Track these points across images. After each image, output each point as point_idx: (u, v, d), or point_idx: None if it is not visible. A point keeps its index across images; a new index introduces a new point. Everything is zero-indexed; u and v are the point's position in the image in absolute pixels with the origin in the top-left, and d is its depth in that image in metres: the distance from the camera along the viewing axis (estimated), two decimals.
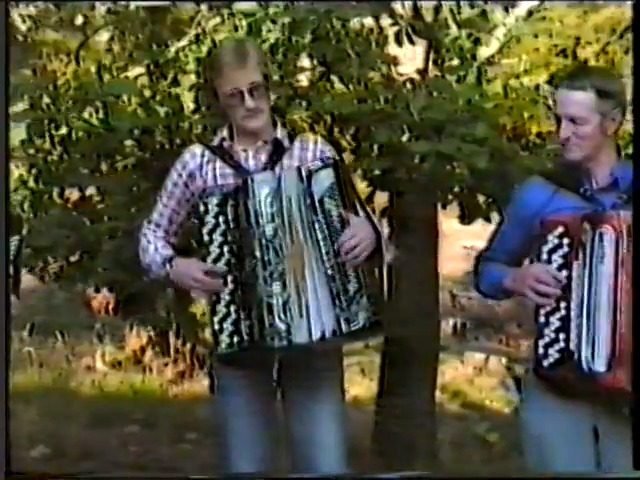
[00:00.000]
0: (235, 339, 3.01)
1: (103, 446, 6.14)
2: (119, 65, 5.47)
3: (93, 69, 5.47)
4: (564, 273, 2.91)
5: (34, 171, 5.06)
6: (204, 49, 5.43)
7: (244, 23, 5.24)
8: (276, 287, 2.98)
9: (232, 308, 3.03)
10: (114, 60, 5.60)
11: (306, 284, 2.99)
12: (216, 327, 3.04)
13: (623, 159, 3.11)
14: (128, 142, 4.89)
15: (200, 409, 7.07)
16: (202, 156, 3.23)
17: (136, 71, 5.37)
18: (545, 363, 2.92)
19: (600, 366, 2.85)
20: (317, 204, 3.01)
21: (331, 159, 3.10)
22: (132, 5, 5.64)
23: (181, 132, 4.87)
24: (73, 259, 4.94)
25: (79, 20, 6.15)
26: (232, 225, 3.03)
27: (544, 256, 2.94)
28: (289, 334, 2.96)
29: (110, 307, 8.76)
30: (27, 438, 5.82)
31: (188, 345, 8.31)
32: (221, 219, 3.03)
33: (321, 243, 3.01)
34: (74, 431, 6.32)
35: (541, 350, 2.93)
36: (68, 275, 5.04)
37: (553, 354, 2.91)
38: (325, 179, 3.02)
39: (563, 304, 2.91)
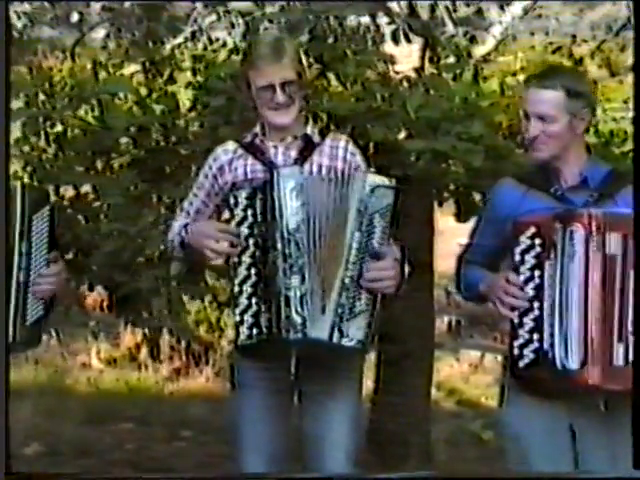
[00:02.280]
0: (255, 331, 3.02)
1: (98, 444, 6.13)
2: (115, 62, 5.47)
3: (89, 66, 5.47)
4: (537, 273, 2.92)
5: (29, 168, 5.06)
6: (200, 46, 5.43)
7: (240, 21, 5.25)
8: (295, 280, 2.99)
9: (253, 300, 3.04)
10: (110, 57, 5.60)
11: (333, 280, 3.00)
12: (237, 319, 3.05)
13: (592, 159, 3.12)
14: (124, 140, 4.89)
15: (195, 407, 7.07)
16: (234, 152, 3.27)
17: (132, 68, 5.37)
18: (521, 364, 2.94)
19: (573, 364, 2.86)
20: (367, 216, 3.03)
21: (396, 185, 3.11)
22: (127, 2, 5.64)
23: (177, 130, 4.87)
24: (67, 257, 4.93)
25: (75, 17, 6.15)
26: (259, 219, 3.05)
27: (517, 257, 2.95)
28: (305, 327, 2.97)
29: (105, 304, 8.75)
30: (22, 436, 5.81)
31: (183, 343, 8.31)
32: (249, 212, 3.06)
33: (352, 252, 3.02)
34: (69, 429, 6.31)
35: (516, 351, 2.94)
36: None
37: (528, 354, 2.93)
38: (385, 198, 3.05)
39: (536, 304, 2.92)
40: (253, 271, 3.05)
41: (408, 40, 5.06)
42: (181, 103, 4.97)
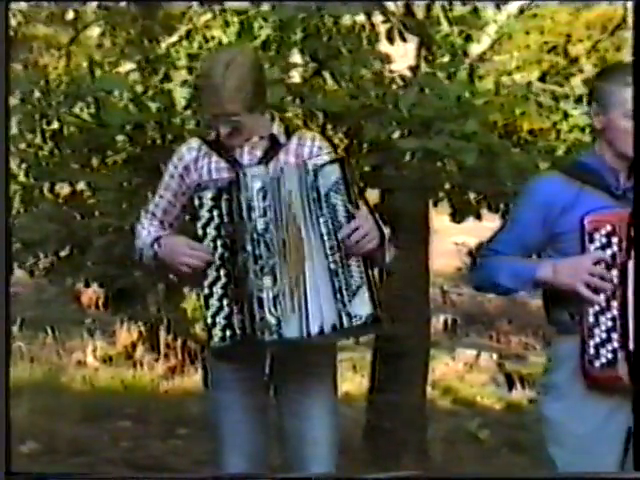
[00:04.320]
0: (228, 333, 3.00)
1: (94, 441, 6.12)
2: (110, 60, 5.47)
3: (84, 64, 5.47)
4: (613, 272, 2.86)
5: (24, 166, 5.06)
6: (195, 45, 5.43)
7: (235, 19, 5.25)
8: (267, 281, 2.97)
9: (225, 302, 3.02)
10: (105, 55, 5.59)
11: (304, 278, 2.99)
12: (209, 321, 3.02)
13: None
14: (119, 137, 4.89)
15: (191, 404, 7.07)
16: (198, 150, 3.21)
17: (127, 67, 5.37)
18: (597, 364, 2.86)
19: None
20: (323, 198, 3.00)
21: (338, 155, 3.09)
22: (123, 2, 5.63)
23: (173, 127, 4.86)
24: (63, 254, 4.94)
25: (70, 15, 6.14)
26: (226, 219, 3.02)
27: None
28: (279, 328, 2.95)
29: (100, 302, 8.76)
30: (17, 434, 5.80)
31: (179, 340, 8.31)
32: (215, 213, 3.03)
33: (325, 237, 2.99)
34: (65, 426, 6.31)
35: (592, 350, 2.86)
36: (58, 270, 5.04)
37: (606, 354, 2.85)
38: (331, 174, 3.00)
39: (614, 304, 2.86)
40: (222, 272, 3.02)
41: (403, 39, 5.05)
42: (177, 101, 4.97)
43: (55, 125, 4.90)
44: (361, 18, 5.24)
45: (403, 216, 5.56)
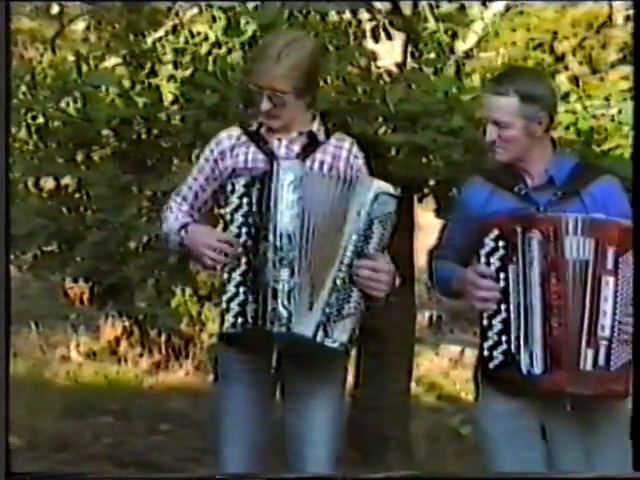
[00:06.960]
0: (239, 320, 2.99)
1: (77, 437, 6.10)
2: (96, 55, 5.45)
3: (70, 58, 5.45)
4: (502, 276, 2.91)
5: (10, 160, 5.04)
6: (181, 40, 5.42)
7: (222, 15, 5.24)
8: (284, 273, 2.97)
9: (241, 289, 3.01)
10: (91, 50, 5.58)
11: (325, 279, 2.99)
12: (223, 306, 3.02)
13: (557, 155, 3.09)
14: (105, 132, 4.88)
15: (175, 400, 7.06)
16: (237, 138, 3.23)
17: (113, 61, 5.35)
18: (491, 365, 2.94)
19: (536, 368, 2.87)
20: (367, 220, 3.00)
21: (401, 195, 3.08)
22: None
23: (159, 122, 4.86)
24: (49, 249, 4.93)
25: (54, 9, 6.11)
26: (254, 208, 3.02)
27: (482, 259, 2.94)
28: (289, 322, 2.95)
29: (85, 297, 8.72)
30: None
31: (163, 336, 8.30)
32: (245, 200, 3.03)
33: (347, 253, 3.00)
34: (47, 422, 6.28)
35: (486, 352, 2.94)
36: (44, 265, 5.03)
37: (497, 356, 2.92)
38: (386, 206, 3.01)
39: (503, 307, 2.91)
40: (243, 260, 3.02)
41: (389, 37, 5.05)
42: (163, 96, 4.97)
43: (40, 119, 4.89)
44: (348, 15, 5.24)
45: None
